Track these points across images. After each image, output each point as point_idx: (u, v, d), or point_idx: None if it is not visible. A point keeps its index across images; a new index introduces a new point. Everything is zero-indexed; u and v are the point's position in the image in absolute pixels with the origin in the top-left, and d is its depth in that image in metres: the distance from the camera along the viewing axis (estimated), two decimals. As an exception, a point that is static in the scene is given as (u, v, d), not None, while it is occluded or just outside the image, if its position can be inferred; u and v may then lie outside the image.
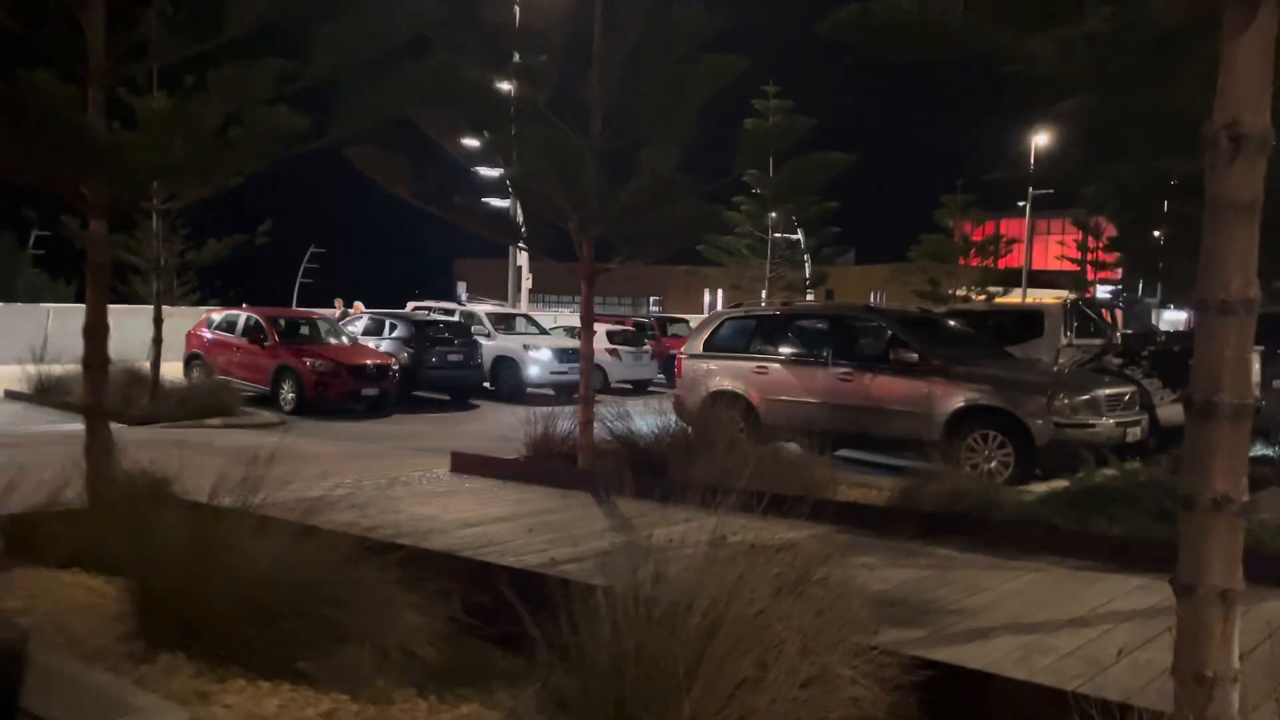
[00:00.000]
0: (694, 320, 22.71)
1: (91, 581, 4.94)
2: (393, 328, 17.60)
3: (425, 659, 3.92)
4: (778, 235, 28.53)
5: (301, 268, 52.68)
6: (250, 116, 5.79)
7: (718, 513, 3.87)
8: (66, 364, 12.94)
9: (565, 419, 9.29)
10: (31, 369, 14.57)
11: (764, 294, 26.22)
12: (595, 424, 8.77)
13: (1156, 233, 13.05)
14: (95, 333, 5.98)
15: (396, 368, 15.71)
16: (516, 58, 8.23)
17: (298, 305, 34.18)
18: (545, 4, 8.36)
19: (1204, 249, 2.87)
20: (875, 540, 6.29)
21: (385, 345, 16.98)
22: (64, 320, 18.44)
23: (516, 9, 8.36)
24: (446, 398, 17.21)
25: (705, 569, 3.51)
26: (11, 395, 14.80)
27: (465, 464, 8.94)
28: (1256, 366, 9.81)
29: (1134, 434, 9.49)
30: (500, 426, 11.04)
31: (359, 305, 22.51)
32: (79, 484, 5.86)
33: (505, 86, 8.42)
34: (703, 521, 3.90)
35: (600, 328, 19.77)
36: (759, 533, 3.89)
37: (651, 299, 55.43)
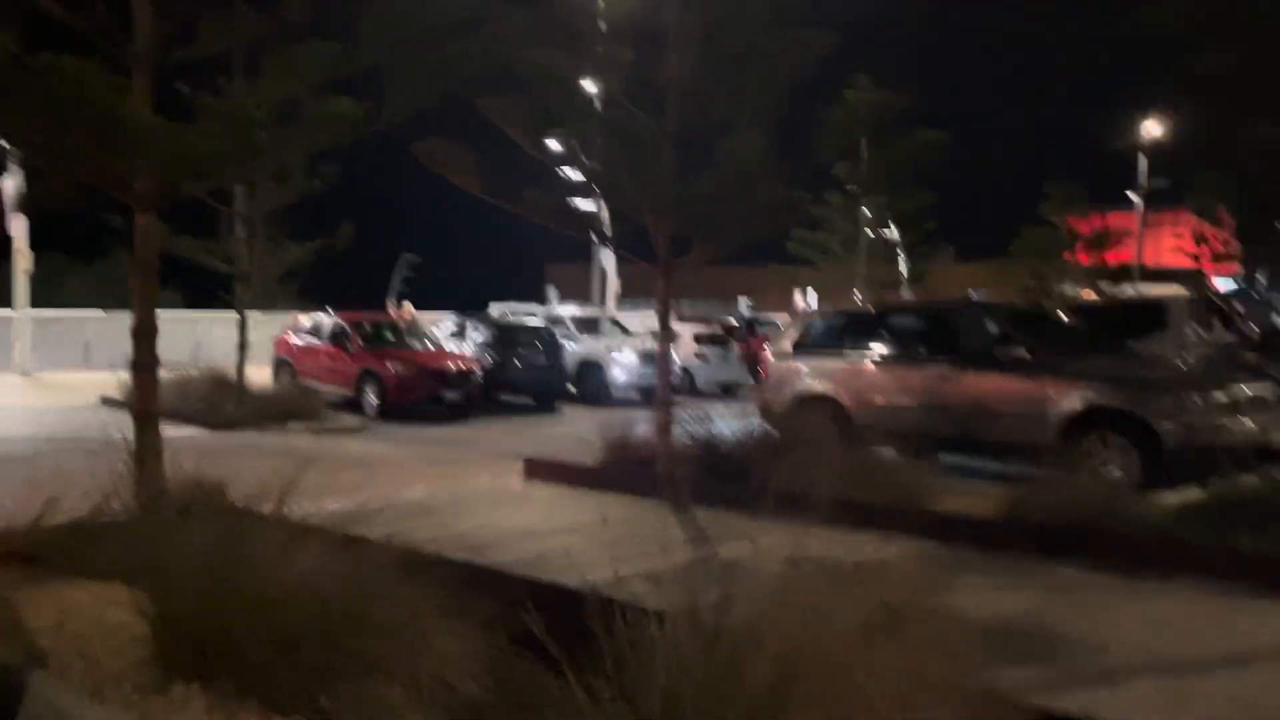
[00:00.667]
0: (783, 320, 22.05)
1: (128, 597, 4.63)
2: (476, 331, 17.40)
3: (465, 692, 3.46)
4: (872, 232, 27.45)
5: (396, 272, 53.48)
6: (306, 103, 5.48)
7: (801, 525, 3.33)
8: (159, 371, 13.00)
9: (645, 423, 8.84)
10: (124, 376, 14.74)
11: (857, 293, 25.25)
12: (675, 428, 8.27)
13: None
14: (143, 334, 5.74)
15: (479, 371, 15.46)
16: (586, 39, 7.77)
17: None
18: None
19: None
20: (982, 557, 5.63)
21: (469, 348, 16.79)
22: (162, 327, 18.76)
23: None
24: (530, 401, 16.91)
25: (780, 597, 2.96)
26: (106, 401, 15.03)
27: (538, 470, 8.56)
28: None
29: (1278, 438, 8.50)
30: (581, 431, 10.64)
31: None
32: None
33: (571, 70, 7.96)
34: (784, 535, 3.37)
35: (685, 329, 19.21)
36: (848, 549, 3.33)
37: (743, 300, 54.54)
